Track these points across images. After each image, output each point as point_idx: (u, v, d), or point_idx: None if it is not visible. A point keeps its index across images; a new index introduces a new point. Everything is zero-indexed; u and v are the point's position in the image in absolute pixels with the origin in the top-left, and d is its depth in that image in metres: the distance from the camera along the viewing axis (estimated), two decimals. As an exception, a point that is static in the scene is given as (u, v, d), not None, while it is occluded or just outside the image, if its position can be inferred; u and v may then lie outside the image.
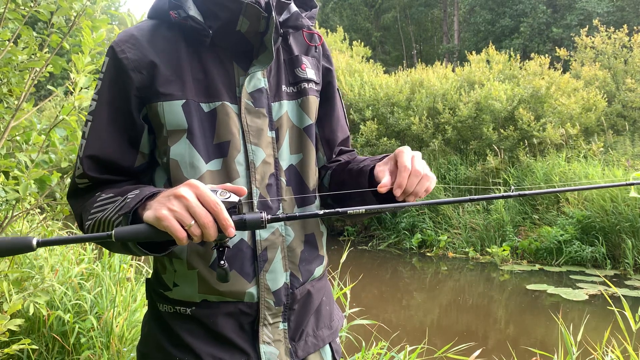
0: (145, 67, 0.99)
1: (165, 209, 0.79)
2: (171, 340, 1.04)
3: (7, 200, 2.04)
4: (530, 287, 6.77)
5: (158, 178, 1.06)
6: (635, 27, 12.67)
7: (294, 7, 1.08)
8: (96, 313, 2.90)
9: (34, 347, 2.47)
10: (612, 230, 7.61)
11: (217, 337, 1.03)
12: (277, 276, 1.05)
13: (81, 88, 1.81)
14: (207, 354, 1.02)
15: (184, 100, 0.99)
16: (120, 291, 3.01)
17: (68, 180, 2.10)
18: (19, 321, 1.96)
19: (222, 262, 0.86)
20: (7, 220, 2.16)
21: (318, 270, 1.14)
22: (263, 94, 1.05)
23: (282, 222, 1.05)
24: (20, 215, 2.27)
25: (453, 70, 12.46)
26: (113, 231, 0.80)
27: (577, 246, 7.72)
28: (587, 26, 14.18)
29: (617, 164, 8.60)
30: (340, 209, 0.91)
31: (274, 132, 1.06)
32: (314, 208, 1.13)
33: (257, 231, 1.02)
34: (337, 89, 1.25)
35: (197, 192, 0.80)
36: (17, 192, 1.86)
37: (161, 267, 1.06)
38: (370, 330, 3.24)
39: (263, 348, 1.04)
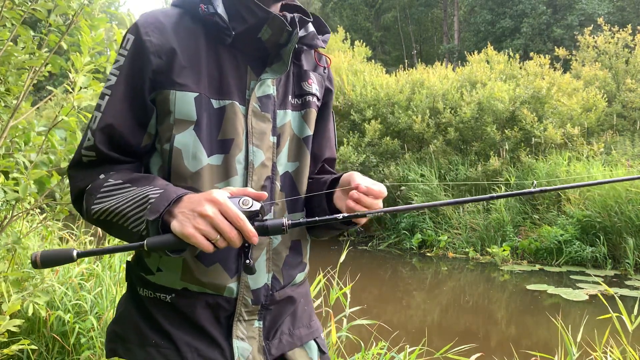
0: (166, 54, 1.01)
1: (191, 228, 0.86)
2: (149, 323, 1.06)
3: (7, 200, 2.04)
4: (530, 287, 6.77)
5: (153, 164, 1.08)
6: (638, 27, 12.66)
7: (311, 27, 1.13)
8: (96, 313, 2.90)
9: (33, 347, 2.47)
10: (612, 230, 7.61)
11: (194, 327, 1.05)
12: (259, 276, 1.07)
13: (80, 87, 1.80)
14: (182, 341, 1.04)
15: (197, 94, 1.02)
16: (120, 291, 3.00)
17: (67, 181, 2.10)
18: (18, 322, 1.95)
19: (247, 261, 0.92)
20: (7, 220, 2.16)
21: (299, 277, 1.18)
22: (270, 100, 1.08)
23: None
24: (20, 215, 2.27)
25: (453, 70, 12.47)
26: (145, 241, 0.88)
27: (578, 246, 7.72)
28: (592, 25, 14.19)
29: (618, 164, 8.59)
30: (359, 212, 1.00)
31: (275, 137, 1.10)
32: (301, 216, 1.17)
33: None
34: (332, 112, 1.30)
35: (221, 208, 0.86)
36: (17, 192, 1.85)
37: (145, 251, 1.06)
38: (370, 330, 3.24)
39: (236, 343, 1.06)
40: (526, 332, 5.42)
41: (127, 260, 1.15)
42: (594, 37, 12.61)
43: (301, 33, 1.10)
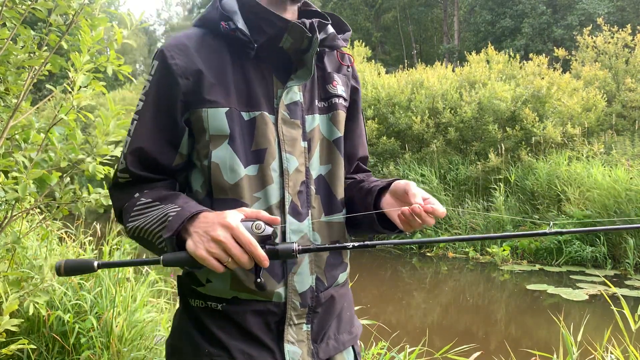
0: (192, 74, 1.05)
1: (204, 250, 0.90)
2: (202, 333, 1.09)
3: (6, 200, 2.03)
4: (530, 287, 6.77)
5: (194, 180, 1.12)
6: (638, 27, 12.67)
7: (331, 29, 1.16)
8: (96, 313, 2.89)
9: (32, 346, 2.46)
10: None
11: (246, 334, 1.08)
12: (304, 279, 1.10)
13: (79, 87, 1.80)
14: (236, 349, 1.06)
15: (228, 108, 1.06)
16: (120, 291, 3.00)
17: (67, 179, 2.09)
18: (17, 321, 1.95)
19: (258, 280, 0.95)
20: (6, 220, 2.16)
21: (342, 277, 1.21)
22: (298, 107, 1.12)
23: (311, 229, 1.12)
24: (19, 215, 2.26)
25: (453, 71, 12.47)
26: (162, 257, 0.94)
27: (577, 246, 7.71)
28: (591, 25, 14.18)
29: (617, 164, 8.59)
30: (369, 242, 1.01)
31: (306, 142, 1.13)
32: (341, 217, 1.20)
33: (288, 235, 1.09)
34: (361, 109, 1.33)
35: (233, 233, 0.90)
36: (17, 192, 1.85)
37: None
38: (370, 330, 3.24)
39: (287, 347, 1.09)
40: (526, 332, 5.42)
41: (177, 275, 1.20)
42: (592, 38, 12.61)
43: (321, 35, 1.12)
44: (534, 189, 9.07)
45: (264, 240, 0.93)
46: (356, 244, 1.00)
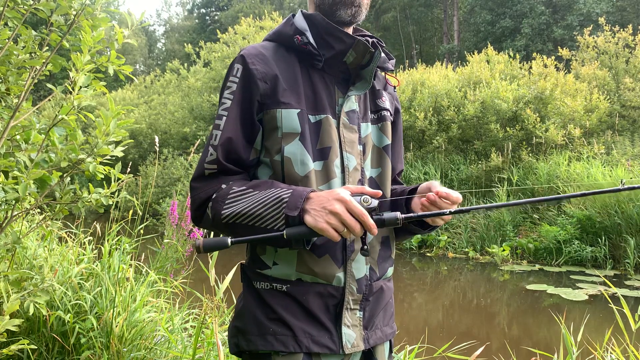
0: (270, 79, 1.20)
1: (324, 223, 1.04)
2: (266, 313, 1.19)
3: (6, 200, 2.03)
4: (530, 287, 6.77)
5: (262, 174, 1.25)
6: (639, 27, 12.67)
7: (382, 53, 1.30)
8: (96, 313, 2.89)
9: (33, 347, 2.46)
10: (613, 230, 7.61)
11: (307, 314, 1.18)
12: (360, 266, 1.22)
13: (80, 87, 1.80)
14: (298, 328, 1.17)
15: (299, 110, 1.20)
16: (119, 291, 2.99)
17: (68, 179, 2.09)
18: (18, 321, 1.95)
19: (365, 246, 1.10)
20: (6, 220, 2.15)
21: (390, 271, 1.33)
22: (355, 114, 1.27)
23: None
24: (19, 215, 2.26)
25: (454, 70, 12.48)
26: (285, 231, 1.07)
27: (577, 246, 7.71)
28: (591, 25, 14.19)
29: (617, 164, 8.59)
30: (463, 208, 1.14)
31: (361, 146, 1.28)
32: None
33: None
34: (401, 129, 1.48)
35: (347, 206, 1.04)
36: (17, 192, 1.85)
37: (260, 250, 1.23)
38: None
39: (344, 330, 1.20)
40: (526, 332, 5.42)
41: (240, 263, 1.32)
42: (594, 38, 12.61)
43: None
44: (534, 189, 9.08)
45: (370, 212, 1.06)
46: (452, 209, 1.14)
